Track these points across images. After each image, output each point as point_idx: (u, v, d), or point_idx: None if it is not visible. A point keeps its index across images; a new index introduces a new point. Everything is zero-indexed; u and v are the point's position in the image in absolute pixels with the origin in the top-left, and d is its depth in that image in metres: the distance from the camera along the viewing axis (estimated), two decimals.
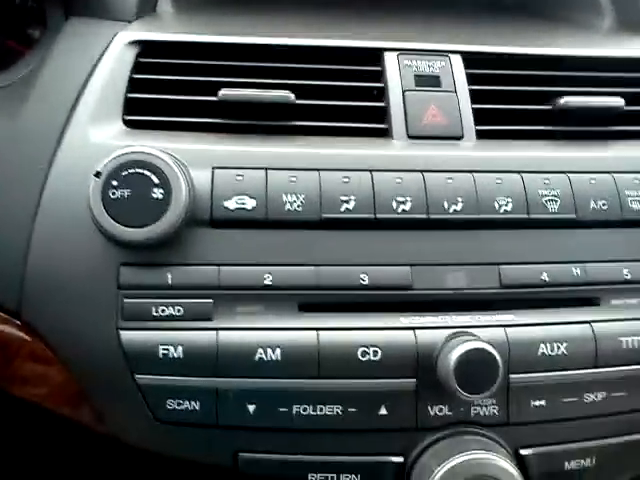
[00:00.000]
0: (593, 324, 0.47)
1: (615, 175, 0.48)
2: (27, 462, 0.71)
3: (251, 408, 0.44)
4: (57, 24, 0.57)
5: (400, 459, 0.45)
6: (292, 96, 0.48)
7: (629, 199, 0.48)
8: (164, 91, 0.49)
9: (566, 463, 0.47)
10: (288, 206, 0.44)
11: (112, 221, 0.41)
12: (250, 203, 0.44)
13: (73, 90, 0.49)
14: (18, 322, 0.45)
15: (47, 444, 0.67)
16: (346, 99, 0.50)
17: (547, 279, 0.46)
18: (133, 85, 0.50)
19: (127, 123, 0.48)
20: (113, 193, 0.41)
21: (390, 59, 0.52)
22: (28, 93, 0.50)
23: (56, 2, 0.59)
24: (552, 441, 0.47)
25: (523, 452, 0.46)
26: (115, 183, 0.42)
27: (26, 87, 0.50)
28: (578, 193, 0.47)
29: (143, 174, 0.42)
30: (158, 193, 0.42)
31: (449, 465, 0.42)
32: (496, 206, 0.46)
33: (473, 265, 0.46)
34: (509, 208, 0.46)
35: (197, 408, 0.43)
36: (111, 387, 0.45)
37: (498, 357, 0.42)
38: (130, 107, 0.49)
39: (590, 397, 0.46)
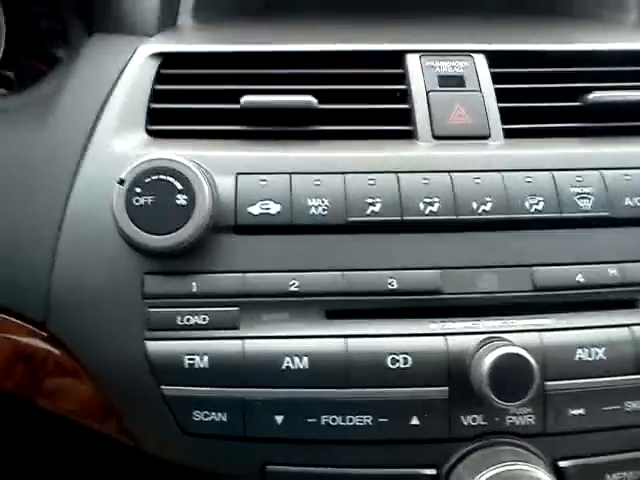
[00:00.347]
0: (632, 327, 0.45)
1: None
2: (47, 471, 0.71)
3: (279, 419, 0.43)
4: (80, 41, 0.58)
5: (433, 471, 0.44)
6: (315, 101, 0.48)
7: None
8: (187, 101, 0.50)
9: (607, 476, 0.45)
10: (313, 210, 0.44)
11: (136, 228, 0.41)
12: (274, 208, 0.44)
13: (97, 103, 0.49)
14: (44, 334, 0.45)
15: (71, 454, 0.67)
16: (369, 103, 0.50)
17: (582, 280, 0.45)
18: (156, 96, 0.50)
19: (150, 133, 0.48)
20: (137, 200, 0.41)
21: (412, 61, 0.51)
22: (53, 108, 0.50)
23: (78, 21, 0.61)
24: (592, 452, 0.45)
25: (561, 464, 0.45)
26: (139, 190, 0.41)
27: (51, 102, 0.51)
28: (612, 189, 0.46)
29: (167, 180, 0.41)
30: (182, 199, 0.41)
31: (484, 478, 0.41)
32: (527, 205, 0.45)
33: (504, 267, 0.44)
34: (540, 207, 0.45)
35: (224, 419, 0.43)
36: (137, 398, 0.44)
37: (533, 362, 0.40)
38: (153, 117, 0.49)
39: (632, 405, 0.44)
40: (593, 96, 0.50)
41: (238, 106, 0.48)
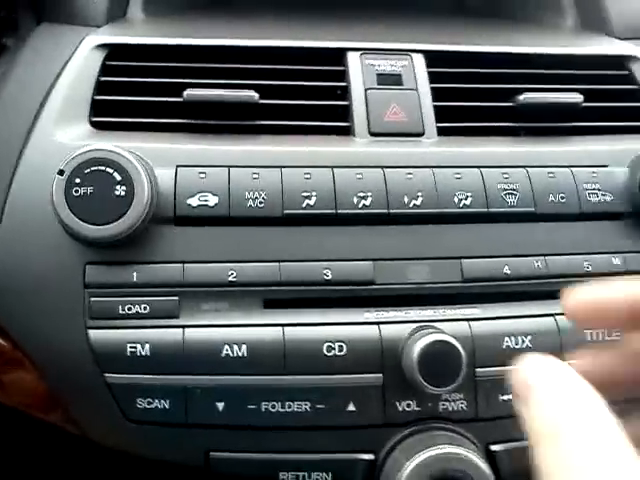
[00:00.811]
0: (557, 317, 0.47)
1: (573, 169, 0.49)
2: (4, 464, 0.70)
3: (220, 406, 0.44)
4: (28, 31, 0.58)
5: (370, 456, 0.45)
6: (256, 96, 0.49)
7: (587, 192, 0.49)
8: (131, 93, 0.50)
9: None
10: (250, 202, 0.45)
11: (75, 218, 0.42)
12: (212, 200, 0.45)
13: (40, 93, 0.49)
14: None
15: (18, 444, 0.67)
16: (311, 99, 0.51)
17: (509, 272, 0.47)
18: (100, 87, 0.50)
19: (94, 125, 0.49)
20: (76, 191, 0.42)
21: (353, 59, 0.52)
22: None
23: (28, 10, 0.60)
24: (522, 436, 0.47)
25: (493, 448, 0.46)
26: (78, 181, 0.42)
27: None
28: (537, 186, 0.48)
29: (105, 171, 0.42)
30: (121, 190, 0.42)
31: (417, 460, 0.42)
32: (456, 200, 0.47)
33: (435, 259, 0.46)
34: (468, 202, 0.47)
35: (167, 407, 0.43)
36: (81, 387, 0.45)
37: (460, 349, 0.42)
38: (97, 109, 0.50)
39: None
40: (524, 97, 0.53)
41: (181, 99, 0.49)
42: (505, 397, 0.46)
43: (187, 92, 0.49)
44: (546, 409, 0.28)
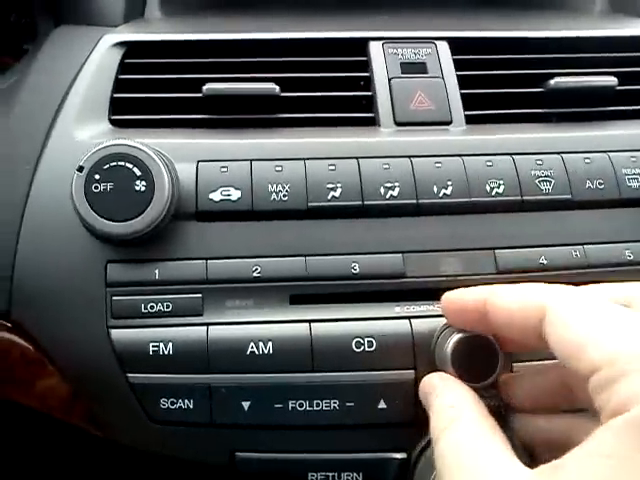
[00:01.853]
0: None
1: (611, 154, 0.47)
2: (21, 463, 0.70)
3: (246, 405, 0.42)
4: (46, 33, 0.58)
5: (403, 455, 0.43)
6: (277, 88, 0.48)
7: (626, 177, 0.46)
8: (150, 90, 0.49)
9: None
10: (274, 196, 0.44)
11: (95, 215, 0.41)
12: (235, 194, 0.44)
13: (59, 92, 0.49)
14: (8, 324, 0.44)
15: (40, 444, 0.66)
16: (333, 90, 0.50)
17: (545, 262, 0.45)
18: (119, 85, 0.50)
19: (113, 123, 0.48)
20: (96, 187, 0.41)
21: (375, 48, 0.51)
22: (15, 97, 0.50)
23: (45, 14, 0.60)
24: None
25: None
26: (97, 177, 0.41)
27: (14, 92, 0.51)
28: (572, 173, 0.46)
29: (125, 167, 0.41)
30: (141, 185, 0.41)
31: None
32: (487, 189, 0.45)
33: (467, 250, 0.44)
34: (501, 190, 0.45)
35: (191, 406, 0.42)
36: (104, 387, 0.44)
37: (496, 344, 0.40)
38: (117, 107, 0.49)
39: None
40: (555, 81, 0.51)
41: (201, 95, 0.48)
42: None
43: (206, 87, 0.48)
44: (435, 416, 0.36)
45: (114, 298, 0.43)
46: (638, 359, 0.27)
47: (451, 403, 0.36)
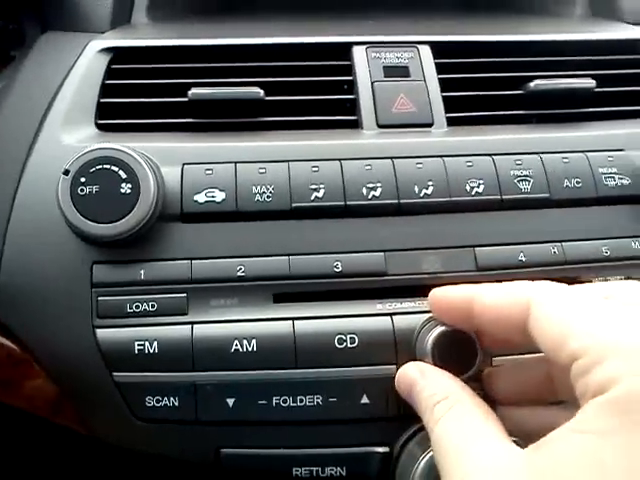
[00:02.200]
0: None
1: (588, 154, 0.48)
2: (9, 463, 0.70)
3: (230, 402, 0.43)
4: (33, 39, 0.58)
5: (385, 449, 0.44)
6: (261, 92, 0.49)
7: (603, 176, 0.47)
8: (137, 95, 0.50)
9: None
10: (258, 197, 0.44)
11: (81, 217, 0.42)
12: (220, 196, 0.44)
13: (46, 97, 0.49)
14: None
15: (28, 445, 0.66)
16: (318, 94, 0.51)
17: (524, 260, 0.46)
18: (106, 90, 0.50)
19: (100, 127, 0.49)
20: (82, 190, 0.42)
21: (358, 52, 0.52)
22: (2, 103, 0.51)
23: (32, 20, 0.61)
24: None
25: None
26: (83, 180, 0.42)
27: (1, 98, 0.51)
28: (551, 172, 0.47)
29: (111, 170, 0.42)
30: (126, 188, 0.42)
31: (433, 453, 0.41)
32: (467, 188, 0.46)
33: (448, 249, 0.45)
34: (481, 190, 0.46)
35: (176, 404, 0.43)
36: (90, 386, 0.44)
37: (476, 340, 0.41)
38: (103, 111, 0.50)
39: None
40: (534, 84, 0.52)
41: (186, 99, 0.49)
42: None
43: (192, 91, 0.49)
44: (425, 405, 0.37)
45: (100, 298, 0.43)
46: (613, 345, 0.28)
47: (443, 392, 0.37)
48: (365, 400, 0.43)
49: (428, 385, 0.39)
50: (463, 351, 0.41)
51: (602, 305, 0.31)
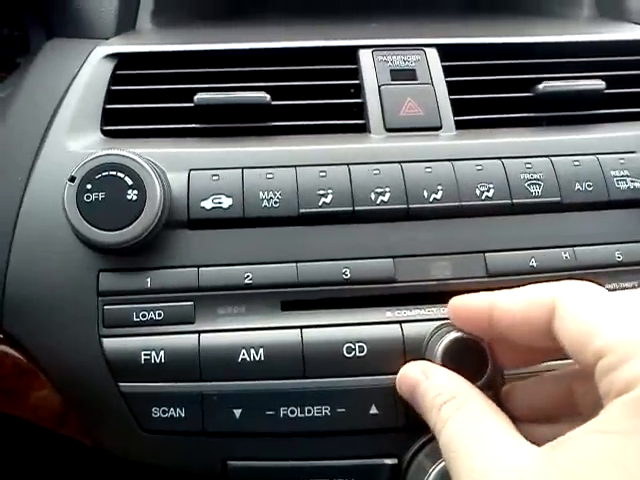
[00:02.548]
0: None
1: (599, 156, 0.47)
2: (13, 475, 0.70)
3: (237, 412, 0.42)
4: (38, 46, 0.58)
5: (394, 461, 0.43)
6: (268, 97, 0.48)
7: (615, 179, 0.47)
8: (142, 101, 0.50)
9: None
10: (265, 203, 0.44)
11: (87, 224, 0.41)
12: (226, 202, 0.44)
13: (51, 104, 0.49)
14: (0, 335, 0.44)
15: (32, 456, 0.66)
16: (324, 98, 0.50)
17: (535, 265, 0.45)
18: (112, 96, 0.50)
19: (105, 133, 0.49)
20: (88, 197, 0.41)
21: (365, 56, 0.52)
22: (8, 110, 0.50)
23: (37, 27, 0.61)
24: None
25: None
26: (89, 187, 0.41)
27: (7, 105, 0.51)
28: (562, 175, 0.46)
29: (117, 176, 0.41)
30: (132, 194, 0.41)
31: (443, 464, 0.40)
32: (477, 192, 0.45)
33: (458, 254, 0.45)
34: (491, 194, 0.45)
35: (183, 415, 0.42)
36: (95, 397, 0.44)
37: (485, 345, 0.40)
38: (109, 118, 0.49)
39: None
40: (543, 86, 0.51)
41: (192, 104, 0.48)
42: None
43: (198, 96, 0.48)
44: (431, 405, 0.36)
45: (106, 307, 0.43)
46: (638, 344, 0.28)
47: (450, 392, 0.36)
48: (374, 410, 0.42)
49: (433, 385, 0.38)
50: (474, 359, 0.40)
51: (629, 304, 0.31)
